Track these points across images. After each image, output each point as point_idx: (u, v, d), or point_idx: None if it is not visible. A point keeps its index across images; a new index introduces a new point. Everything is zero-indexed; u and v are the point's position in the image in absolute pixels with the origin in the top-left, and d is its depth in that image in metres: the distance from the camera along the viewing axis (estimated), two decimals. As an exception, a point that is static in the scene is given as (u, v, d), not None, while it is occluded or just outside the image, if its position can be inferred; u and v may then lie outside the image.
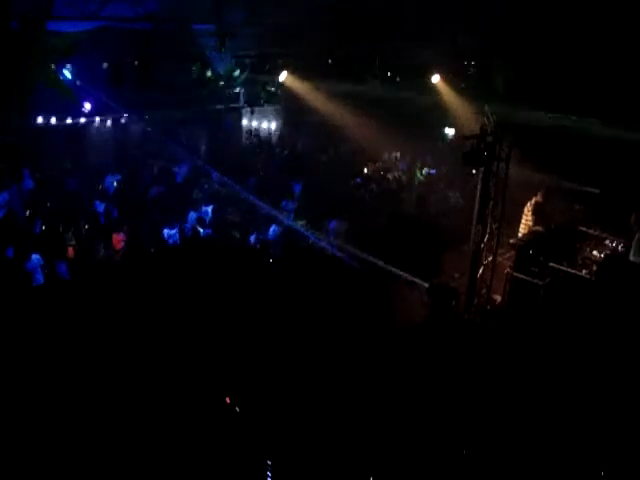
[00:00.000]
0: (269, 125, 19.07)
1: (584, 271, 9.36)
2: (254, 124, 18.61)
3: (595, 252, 9.88)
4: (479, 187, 9.66)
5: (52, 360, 7.47)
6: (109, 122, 14.72)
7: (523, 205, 11.17)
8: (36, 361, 7.39)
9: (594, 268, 9.42)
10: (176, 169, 14.76)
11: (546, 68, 12.45)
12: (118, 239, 10.94)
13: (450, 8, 13.23)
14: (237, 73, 15.83)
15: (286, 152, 17.66)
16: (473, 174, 14.12)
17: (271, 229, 11.88)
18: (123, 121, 15.12)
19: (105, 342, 7.88)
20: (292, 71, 16.16)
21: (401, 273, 10.56)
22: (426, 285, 10.24)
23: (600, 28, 11.42)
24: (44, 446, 6.24)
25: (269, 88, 16.93)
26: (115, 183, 13.39)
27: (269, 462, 6.28)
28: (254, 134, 18.61)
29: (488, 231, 9.90)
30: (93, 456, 6.19)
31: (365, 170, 16.80)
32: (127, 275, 9.83)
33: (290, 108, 18.06)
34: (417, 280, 10.45)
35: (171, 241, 11.50)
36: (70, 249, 10.37)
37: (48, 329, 7.98)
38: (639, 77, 11.17)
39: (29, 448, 6.18)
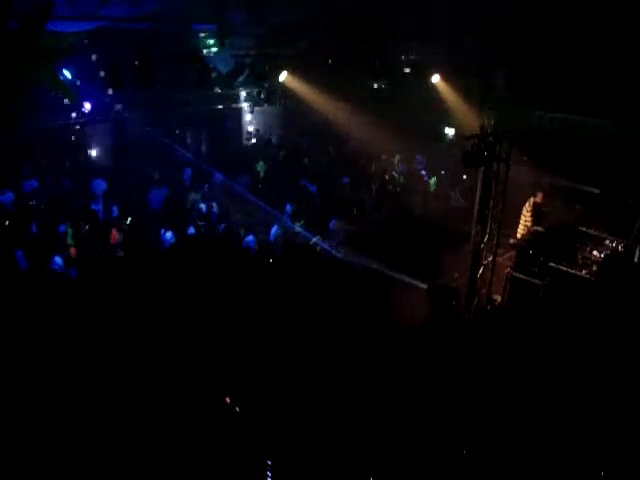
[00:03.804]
0: (269, 125, 19.06)
1: (584, 271, 9.37)
2: (254, 124, 18.61)
3: (595, 252, 9.88)
4: (479, 187, 9.66)
5: (53, 358, 7.48)
6: (109, 122, 14.71)
7: (522, 205, 11.17)
8: (37, 359, 7.40)
9: (594, 268, 9.43)
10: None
11: (547, 68, 12.44)
12: (115, 235, 10.99)
13: (450, 8, 13.21)
14: (237, 73, 15.82)
15: (282, 153, 17.64)
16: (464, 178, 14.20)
17: (272, 230, 11.87)
18: (122, 121, 15.10)
19: (106, 342, 7.88)
20: (292, 71, 16.16)
21: (401, 273, 10.55)
22: (426, 285, 10.24)
23: (600, 27, 11.42)
24: (44, 443, 6.25)
25: (268, 88, 16.95)
26: (104, 186, 13.34)
27: (269, 462, 6.28)
28: (254, 134, 18.61)
29: (488, 231, 9.90)
30: (93, 455, 6.19)
31: (365, 170, 16.82)
32: (128, 274, 9.83)
33: (290, 108, 18.06)
34: (417, 280, 10.45)
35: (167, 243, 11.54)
36: (72, 249, 10.41)
37: (48, 327, 7.98)
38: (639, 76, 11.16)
39: (29, 445, 6.19)
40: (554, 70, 12.23)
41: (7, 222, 11.00)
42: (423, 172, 16.97)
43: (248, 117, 18.36)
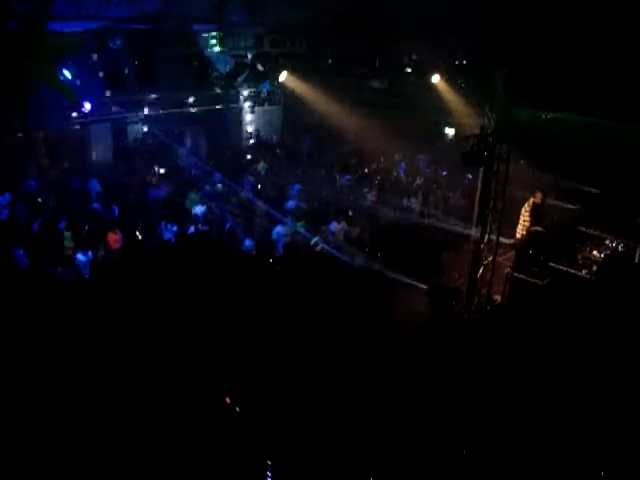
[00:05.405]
0: (269, 125, 19.07)
1: (584, 271, 9.37)
2: (254, 124, 18.61)
3: (595, 252, 9.89)
4: (479, 187, 9.67)
5: (52, 359, 7.48)
6: (109, 122, 14.70)
7: (522, 205, 11.17)
8: (37, 360, 7.40)
9: (594, 268, 9.43)
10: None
11: (546, 67, 12.44)
12: (114, 238, 10.96)
13: (450, 7, 13.23)
14: (237, 73, 15.83)
15: (278, 151, 17.62)
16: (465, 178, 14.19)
17: (276, 228, 11.87)
18: (122, 121, 15.12)
19: (106, 342, 7.88)
20: (292, 71, 16.17)
21: (401, 274, 10.55)
22: (426, 286, 10.24)
23: (600, 27, 11.42)
24: (44, 443, 6.25)
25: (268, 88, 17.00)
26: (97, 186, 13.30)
27: (269, 462, 6.29)
28: (254, 134, 18.61)
29: (488, 231, 9.90)
30: (93, 455, 6.19)
31: (365, 170, 16.81)
32: (128, 275, 9.83)
33: (290, 108, 18.06)
34: (417, 281, 10.44)
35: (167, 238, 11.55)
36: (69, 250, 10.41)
37: (48, 327, 7.98)
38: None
39: (29, 445, 6.19)
40: (554, 70, 12.23)
41: (7, 222, 11.02)
42: (427, 171, 16.99)
43: (248, 117, 18.35)
